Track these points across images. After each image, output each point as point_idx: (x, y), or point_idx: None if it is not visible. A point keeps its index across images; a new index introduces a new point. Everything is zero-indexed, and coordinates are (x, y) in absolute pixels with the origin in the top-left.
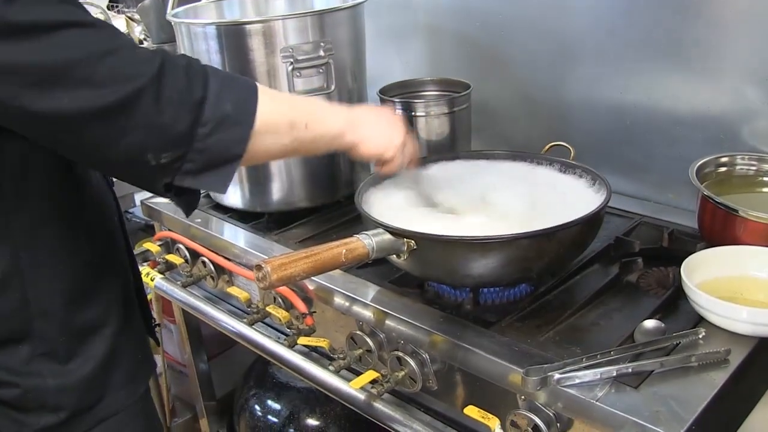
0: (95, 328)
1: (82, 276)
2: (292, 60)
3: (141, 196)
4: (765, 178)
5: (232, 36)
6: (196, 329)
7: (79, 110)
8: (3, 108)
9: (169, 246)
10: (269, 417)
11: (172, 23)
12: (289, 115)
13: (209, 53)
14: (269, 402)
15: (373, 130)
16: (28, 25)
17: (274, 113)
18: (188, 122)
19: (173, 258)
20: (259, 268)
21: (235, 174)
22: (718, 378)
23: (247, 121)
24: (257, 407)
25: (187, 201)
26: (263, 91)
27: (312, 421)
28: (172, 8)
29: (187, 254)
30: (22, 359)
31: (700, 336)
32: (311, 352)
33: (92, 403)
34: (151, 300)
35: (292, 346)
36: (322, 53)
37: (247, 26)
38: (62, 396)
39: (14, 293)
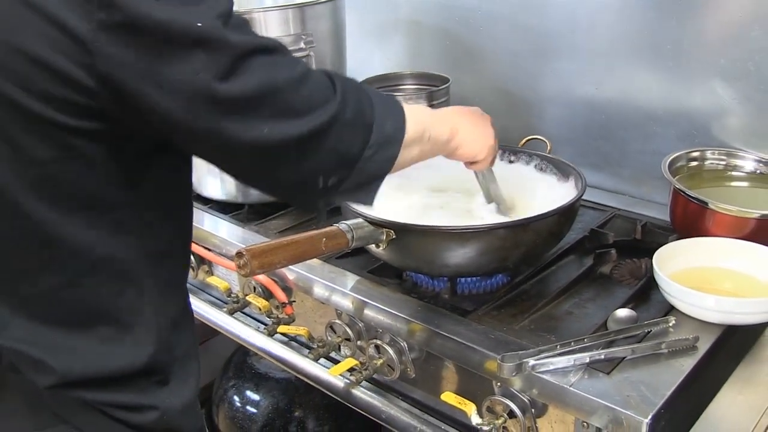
0: (191, 348)
1: (184, 300)
2: None
3: None
4: (734, 173)
5: None
6: None
7: (281, 139)
8: (203, 136)
9: None
10: (248, 408)
11: None
12: (420, 130)
13: None
14: (248, 393)
15: (471, 134)
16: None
17: (414, 128)
18: (359, 144)
19: None
20: (239, 255)
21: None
22: (687, 364)
23: (400, 139)
24: (236, 398)
25: (325, 210)
26: (405, 108)
27: (291, 412)
28: None
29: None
30: (143, 387)
31: (671, 324)
32: (291, 342)
33: (200, 424)
34: None
35: (271, 334)
36: (303, 45)
37: None
38: (184, 417)
39: (150, 325)
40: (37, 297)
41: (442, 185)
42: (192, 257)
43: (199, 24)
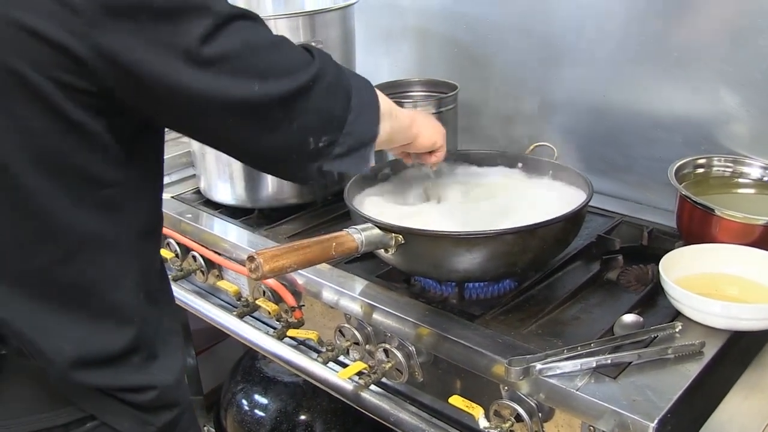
0: (173, 321)
1: (161, 276)
2: None
3: None
4: (740, 179)
5: None
6: (184, 324)
7: (269, 97)
8: (197, 99)
9: None
10: (256, 411)
11: None
12: (387, 105)
13: None
14: (256, 396)
15: (426, 122)
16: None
17: (381, 103)
18: (342, 107)
19: (164, 252)
20: (251, 259)
21: (372, 155)
22: (693, 369)
23: (376, 105)
24: (244, 402)
25: (325, 185)
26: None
27: (299, 416)
28: None
29: (178, 249)
30: (137, 365)
31: (677, 329)
32: (300, 345)
33: (189, 395)
34: None
35: (281, 338)
36: None
37: None
38: (178, 390)
39: (133, 299)
40: (32, 274)
41: None
42: (202, 261)
43: None
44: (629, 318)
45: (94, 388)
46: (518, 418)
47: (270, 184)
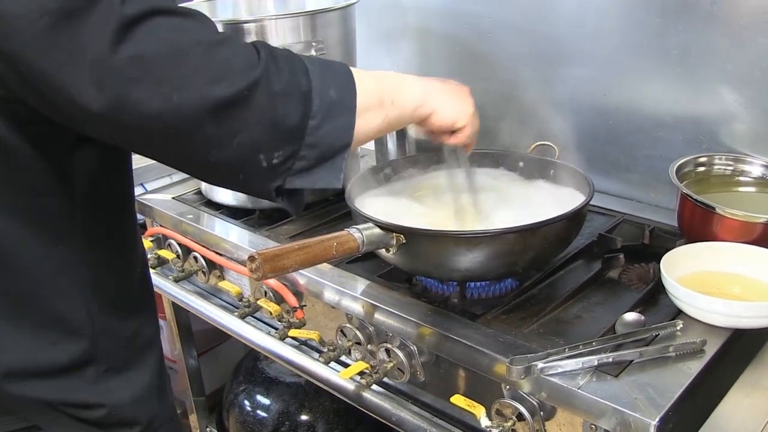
0: (147, 336)
1: (137, 285)
2: None
3: None
4: (741, 178)
5: None
6: (186, 325)
7: (193, 108)
8: (109, 112)
9: (160, 242)
10: (258, 412)
11: None
12: (379, 93)
13: None
14: (258, 397)
15: (446, 99)
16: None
17: (367, 93)
18: (299, 115)
19: (165, 253)
20: (252, 259)
21: (345, 163)
22: (694, 367)
23: (351, 106)
24: (246, 402)
25: (296, 201)
26: (355, 72)
27: (301, 416)
28: None
29: (179, 250)
30: (90, 379)
31: (678, 327)
32: (302, 345)
33: (156, 413)
34: None
35: (282, 338)
36: (313, 52)
37: (240, 26)
38: (136, 408)
39: (81, 309)
40: None
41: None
42: (204, 261)
43: None
44: (631, 316)
45: (34, 400)
46: (520, 417)
47: None
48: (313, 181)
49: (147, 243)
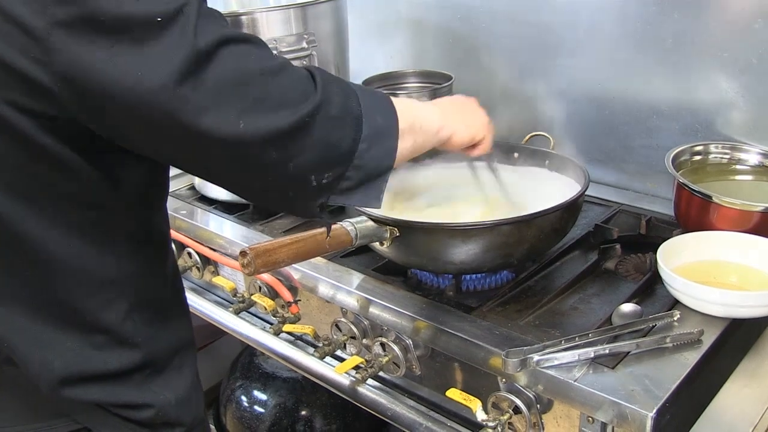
0: (186, 338)
1: (173, 289)
2: (275, 52)
3: None
4: (738, 166)
5: None
6: None
7: (259, 135)
8: (177, 135)
9: None
10: (255, 407)
11: None
12: (410, 120)
13: None
14: (255, 392)
15: (461, 117)
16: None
17: (402, 120)
18: (351, 138)
19: None
20: (243, 254)
21: (386, 185)
22: (692, 358)
23: (393, 131)
24: (243, 398)
25: (330, 214)
26: (393, 100)
27: (298, 411)
28: None
29: (173, 246)
30: (138, 381)
31: (675, 318)
32: (297, 340)
33: (196, 414)
34: None
35: (277, 333)
36: (305, 45)
37: (232, 18)
38: (180, 409)
39: (126, 319)
40: (21, 293)
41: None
42: (198, 257)
43: (159, 19)
44: (627, 307)
45: (87, 402)
46: (516, 410)
47: None
48: (354, 200)
49: None
